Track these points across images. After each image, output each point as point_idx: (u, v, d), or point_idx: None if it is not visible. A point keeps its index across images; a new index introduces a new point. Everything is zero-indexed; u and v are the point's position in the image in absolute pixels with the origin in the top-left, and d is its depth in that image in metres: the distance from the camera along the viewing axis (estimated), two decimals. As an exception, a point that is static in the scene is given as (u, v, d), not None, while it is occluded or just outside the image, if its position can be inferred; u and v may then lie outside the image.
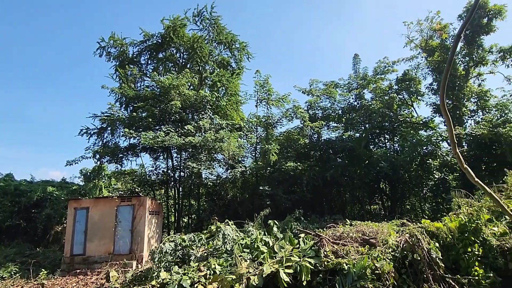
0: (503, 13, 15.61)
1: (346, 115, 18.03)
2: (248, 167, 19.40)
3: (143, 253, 11.93)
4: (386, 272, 5.23)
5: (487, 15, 15.60)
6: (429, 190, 15.79)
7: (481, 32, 15.90)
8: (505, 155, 11.75)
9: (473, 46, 16.08)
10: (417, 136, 15.60)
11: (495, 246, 5.60)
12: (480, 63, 16.25)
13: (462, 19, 16.43)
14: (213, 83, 20.51)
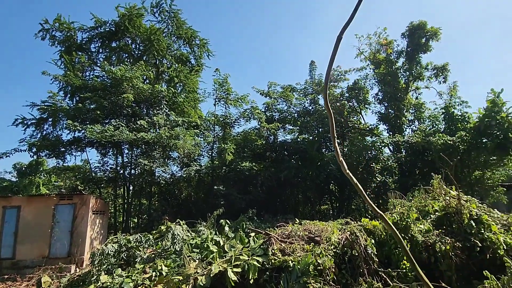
0: (438, 35, 17.71)
1: (301, 119, 18.79)
2: (203, 166, 19.11)
3: (84, 256, 11.06)
4: (327, 268, 5.56)
5: (425, 36, 17.57)
6: (371, 192, 17.17)
7: (420, 50, 17.84)
8: (435, 161, 13.29)
9: (413, 63, 17.96)
10: (364, 141, 16.86)
11: (420, 241, 6.25)
12: (418, 78, 18.25)
13: (405, 37, 18.28)
14: (170, 78, 19.83)
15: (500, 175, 14.50)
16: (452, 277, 5.93)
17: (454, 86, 17.45)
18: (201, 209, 17.23)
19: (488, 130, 12.02)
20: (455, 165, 13.32)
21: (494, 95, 12.09)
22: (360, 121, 19.49)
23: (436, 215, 7.11)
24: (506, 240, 6.21)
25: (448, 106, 15.04)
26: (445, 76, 17.84)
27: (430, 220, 7.15)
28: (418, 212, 7.33)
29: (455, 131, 13.95)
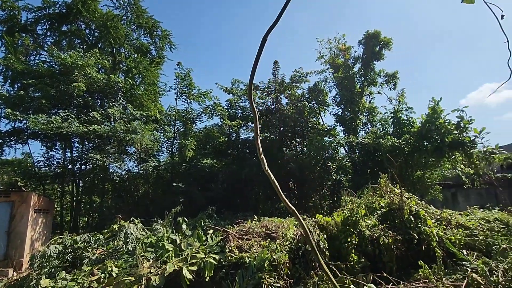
0: (390, 45, 19.18)
1: (263, 117, 19.05)
2: (162, 162, 18.45)
3: (23, 258, 10.05)
4: (281, 263, 5.74)
5: (379, 45, 18.92)
6: (327, 189, 18.05)
7: (374, 58, 19.17)
8: (383, 162, 14.39)
9: (367, 69, 19.24)
10: (322, 141, 17.63)
11: (367, 235, 6.72)
12: (371, 84, 19.61)
13: (362, 45, 19.47)
14: (128, 68, 18.74)
15: (437, 175, 16.18)
16: (393, 268, 6.52)
17: (402, 93, 19.09)
18: (159, 207, 16.63)
19: (429, 134, 13.36)
20: (400, 165, 14.59)
21: (434, 103, 13.46)
22: (319, 121, 20.36)
23: (381, 211, 7.73)
24: (439, 233, 6.98)
25: (396, 111, 16.41)
26: (395, 83, 19.43)
27: (377, 215, 7.75)
28: (366, 208, 7.90)
29: (401, 134, 15.25)
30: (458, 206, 18.71)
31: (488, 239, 6.73)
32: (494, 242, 6.47)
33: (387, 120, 17.25)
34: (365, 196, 8.64)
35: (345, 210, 7.37)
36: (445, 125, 12.99)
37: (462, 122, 12.81)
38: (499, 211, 9.46)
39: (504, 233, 7.03)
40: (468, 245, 6.76)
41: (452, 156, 13.78)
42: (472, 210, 9.40)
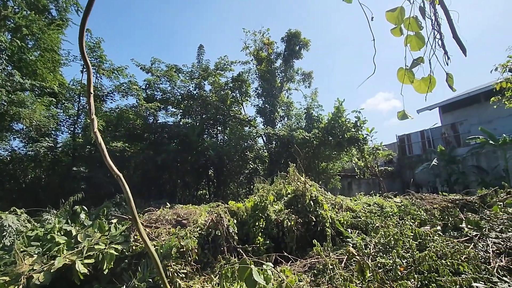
0: (308, 46, 20.86)
1: (184, 102, 18.32)
2: (61, 143, 15.93)
3: None
4: (190, 249, 5.71)
5: (299, 44, 20.37)
6: (244, 178, 18.74)
7: (294, 56, 20.56)
8: (295, 153, 15.74)
9: (287, 66, 20.55)
10: (242, 131, 18.10)
11: (273, 219, 7.25)
12: (290, 80, 21.08)
13: (284, 42, 20.62)
14: (17, 27, 15.22)
15: (338, 166, 18.64)
16: (293, 247, 7.25)
17: (315, 92, 21.16)
18: (54, 195, 14.37)
19: (333, 131, 15.23)
20: (309, 157, 16.22)
21: (338, 103, 15.37)
22: (240, 111, 20.80)
23: (288, 197, 8.47)
24: (332, 216, 8.07)
25: (309, 107, 18.10)
26: (310, 82, 21.35)
27: (284, 201, 8.46)
28: (275, 195, 8.52)
29: (311, 128, 16.92)
30: (352, 193, 22.02)
31: (367, 219, 8.14)
32: (372, 222, 7.85)
33: (301, 115, 18.84)
34: (275, 184, 9.28)
35: (256, 197, 7.78)
36: (345, 123, 14.98)
37: (359, 122, 15.00)
38: (379, 197, 11.55)
39: (379, 214, 8.61)
40: (353, 225, 8.02)
41: (350, 151, 16.05)
42: (359, 196, 11.17)
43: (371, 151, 15.25)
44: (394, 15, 1.42)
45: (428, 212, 7.93)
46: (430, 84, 1.41)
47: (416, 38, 1.41)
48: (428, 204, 9.05)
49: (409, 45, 1.44)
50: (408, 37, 1.43)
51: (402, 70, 1.44)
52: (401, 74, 1.44)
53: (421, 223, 7.06)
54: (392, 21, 1.44)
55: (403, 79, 1.42)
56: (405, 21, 1.40)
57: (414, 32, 1.39)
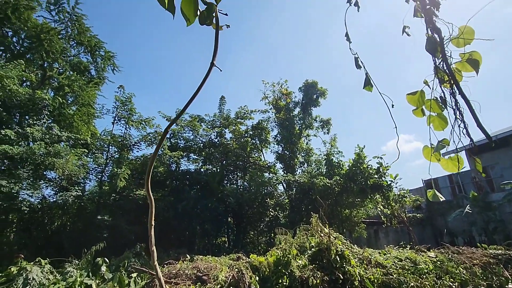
0: (325, 94, 21.60)
1: (206, 150, 18.92)
2: (88, 191, 16.53)
3: None
4: (211, 309, 5.44)
5: (316, 93, 21.19)
6: (265, 226, 18.20)
7: (311, 104, 21.26)
8: (317, 201, 15.33)
9: (306, 113, 21.15)
10: (262, 177, 18.10)
11: (297, 277, 6.85)
12: (309, 127, 21.49)
13: (302, 91, 21.53)
14: (60, 85, 17.07)
15: (362, 213, 17.79)
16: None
17: (334, 138, 21.25)
18: (78, 243, 14.52)
19: (355, 177, 14.90)
20: (331, 204, 15.71)
21: (359, 149, 15.28)
22: (260, 158, 21.04)
23: (312, 250, 8.06)
24: (360, 273, 7.51)
25: (329, 154, 18.05)
26: (328, 128, 21.62)
27: (307, 255, 8.04)
28: (298, 247, 8.15)
29: (332, 175, 16.64)
30: (379, 241, 20.58)
31: (400, 277, 7.48)
32: (405, 280, 7.20)
33: (321, 161, 18.74)
34: (297, 236, 8.94)
35: (278, 250, 7.48)
36: (367, 169, 14.68)
37: (381, 168, 14.65)
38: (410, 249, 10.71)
39: (413, 271, 7.92)
40: (384, 283, 7.38)
41: (374, 197, 15.42)
42: (388, 249, 10.43)
43: (397, 198, 14.59)
44: (415, 98, 1.53)
45: (469, 270, 7.22)
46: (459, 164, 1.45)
47: (439, 119, 1.49)
48: (467, 260, 8.29)
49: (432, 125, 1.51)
50: (430, 118, 1.52)
51: (428, 148, 1.50)
52: (427, 152, 1.49)
53: (462, 283, 6.41)
54: (413, 104, 1.54)
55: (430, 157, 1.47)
56: (426, 103, 1.50)
57: (436, 113, 1.48)
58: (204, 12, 1.21)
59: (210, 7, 1.19)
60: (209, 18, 1.19)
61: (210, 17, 1.20)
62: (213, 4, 1.20)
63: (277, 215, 17.94)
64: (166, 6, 1.19)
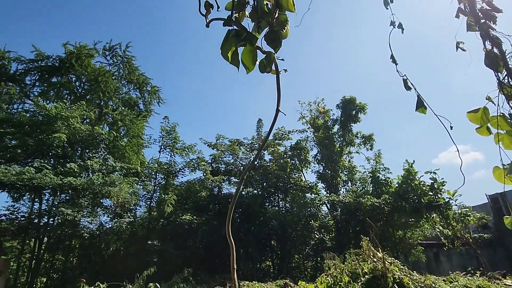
0: (365, 109, 20.89)
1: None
2: (139, 217, 17.52)
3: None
4: None
5: (355, 109, 20.60)
6: (310, 249, 17.47)
7: (351, 120, 20.66)
8: (365, 222, 14.41)
9: (345, 130, 20.56)
10: (304, 198, 17.65)
11: (351, 306, 6.37)
12: (350, 144, 20.76)
13: (340, 108, 21.09)
14: (114, 121, 18.91)
15: (418, 235, 16.24)
16: None
17: (379, 154, 20.17)
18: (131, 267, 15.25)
19: (406, 195, 13.81)
20: (382, 225, 14.62)
21: (408, 165, 14.24)
22: (301, 178, 20.67)
23: (365, 278, 7.49)
24: (424, 303, 6.75)
25: (374, 171, 17.11)
26: (371, 144, 20.66)
27: (360, 283, 7.47)
28: (350, 274, 7.64)
29: (380, 193, 15.64)
30: (441, 266, 18.45)
31: (473, 310, 6.56)
32: (479, 314, 6.30)
33: (366, 179, 17.81)
34: (348, 261, 8.40)
35: (328, 277, 7.09)
36: (420, 186, 13.55)
37: (436, 184, 13.42)
38: (481, 276, 9.42)
39: (488, 303, 6.91)
40: (454, 316, 6.53)
41: (430, 217, 14.07)
42: (455, 276, 9.29)
43: (458, 217, 13.12)
44: (478, 116, 1.41)
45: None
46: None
47: (509, 137, 1.35)
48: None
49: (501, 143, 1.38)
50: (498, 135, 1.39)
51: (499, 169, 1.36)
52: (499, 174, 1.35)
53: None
54: (475, 122, 1.43)
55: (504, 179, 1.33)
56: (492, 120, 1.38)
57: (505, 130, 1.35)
58: (263, 61, 1.30)
59: (269, 56, 1.27)
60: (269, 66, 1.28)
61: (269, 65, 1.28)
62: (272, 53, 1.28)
63: (322, 237, 17.16)
64: (230, 60, 1.30)
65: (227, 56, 1.32)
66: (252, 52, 1.33)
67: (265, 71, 1.34)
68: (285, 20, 1.30)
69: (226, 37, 1.30)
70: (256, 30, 1.34)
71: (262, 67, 1.33)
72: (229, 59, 1.32)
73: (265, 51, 1.33)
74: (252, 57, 1.34)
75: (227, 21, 1.29)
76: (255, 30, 1.35)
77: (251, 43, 1.30)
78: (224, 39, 1.30)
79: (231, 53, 1.33)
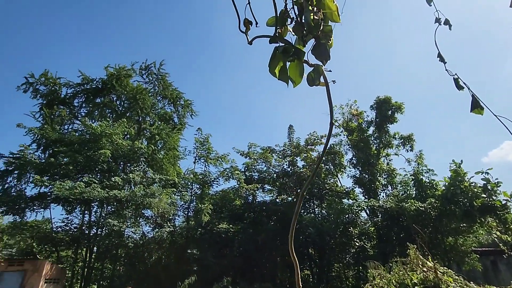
0: (402, 109, 19.81)
1: (280, 180, 19.04)
2: (178, 227, 18.12)
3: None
4: None
5: (391, 109, 19.62)
6: (351, 257, 16.75)
7: (387, 121, 19.68)
8: (410, 228, 13.52)
9: (382, 132, 19.61)
10: (341, 204, 17.07)
11: (402, 320, 5.98)
12: (387, 146, 19.74)
13: (373, 109, 20.24)
14: (151, 135, 19.98)
15: (471, 241, 14.85)
16: None
17: (420, 155, 18.88)
18: (172, 275, 15.78)
19: (455, 198, 12.73)
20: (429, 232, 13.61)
21: (455, 165, 13.16)
22: (336, 184, 20.06)
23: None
24: (486, 318, 6.11)
25: (417, 173, 16.04)
26: (411, 145, 19.45)
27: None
28: (397, 285, 7.17)
29: (425, 197, 14.60)
30: (500, 275, 16.69)
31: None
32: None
33: (408, 182, 16.77)
34: (394, 271, 7.91)
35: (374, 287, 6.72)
36: (471, 188, 12.45)
37: (489, 185, 12.25)
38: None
39: None
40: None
41: (485, 221, 12.82)
42: (520, 288, 8.31)
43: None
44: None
45: None
46: None
47: None
48: None
49: None
50: None
51: None
52: None
53: None
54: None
55: None
56: None
57: None
58: (311, 74, 1.30)
59: (317, 69, 1.27)
60: (318, 79, 1.27)
61: (318, 78, 1.27)
62: (320, 66, 1.28)
63: (363, 245, 16.39)
64: (278, 76, 1.33)
65: (274, 73, 1.34)
66: (299, 66, 1.34)
67: (313, 84, 1.33)
68: (330, 31, 1.29)
69: (273, 54, 1.32)
70: (302, 44, 1.34)
71: (311, 81, 1.32)
72: (277, 75, 1.34)
73: (312, 64, 1.32)
74: (299, 71, 1.35)
75: (273, 38, 1.31)
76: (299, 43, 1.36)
77: (299, 58, 1.30)
78: (272, 57, 1.32)
79: (279, 69, 1.35)
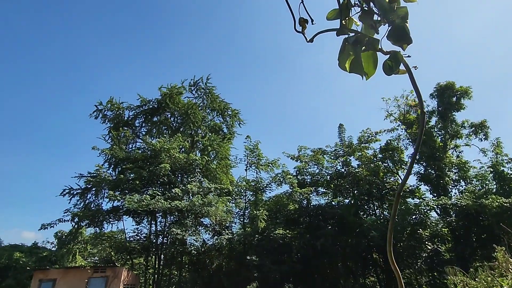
0: (469, 94, 17.51)
1: (334, 182, 18.29)
2: (235, 234, 18.55)
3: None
4: None
5: (455, 95, 17.46)
6: (423, 263, 15.20)
7: (452, 109, 17.55)
8: (493, 227, 11.78)
9: (447, 121, 17.54)
10: (405, 204, 15.70)
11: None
12: (455, 136, 17.56)
13: (434, 98, 18.31)
14: (204, 147, 20.94)
15: None
16: None
17: (498, 143, 16.32)
18: (234, 281, 16.15)
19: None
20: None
21: (548, 152, 11.14)
22: (398, 182, 18.51)
23: (511, 299, 5.98)
24: None
25: (496, 164, 13.96)
26: (486, 133, 16.99)
27: (505, 305, 6.00)
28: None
29: (509, 192, 12.61)
30: None
31: None
32: None
33: (485, 176, 14.70)
34: (480, 277, 6.92)
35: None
36: None
37: None
38: None
39: None
40: None
41: None
42: None
43: None
44: None
45: None
46: None
47: None
48: None
49: None
50: None
51: None
52: None
53: None
54: None
55: None
56: None
57: None
58: (388, 63, 1.18)
59: (395, 56, 1.15)
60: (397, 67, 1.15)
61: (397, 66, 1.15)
62: (398, 52, 1.15)
63: (436, 248, 14.75)
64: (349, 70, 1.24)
65: (344, 67, 1.25)
66: (373, 56, 1.22)
67: (392, 73, 1.20)
68: (406, 12, 1.15)
69: (342, 47, 1.23)
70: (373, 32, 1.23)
71: (388, 69, 1.19)
72: (348, 69, 1.24)
73: (387, 52, 1.19)
74: (373, 62, 1.23)
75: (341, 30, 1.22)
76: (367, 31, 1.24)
77: (373, 48, 1.19)
78: (341, 50, 1.23)
79: (349, 62, 1.25)
